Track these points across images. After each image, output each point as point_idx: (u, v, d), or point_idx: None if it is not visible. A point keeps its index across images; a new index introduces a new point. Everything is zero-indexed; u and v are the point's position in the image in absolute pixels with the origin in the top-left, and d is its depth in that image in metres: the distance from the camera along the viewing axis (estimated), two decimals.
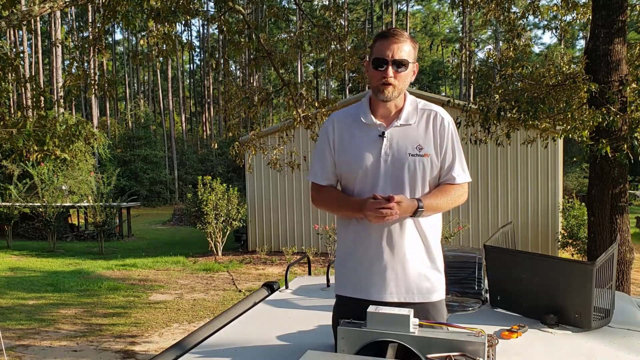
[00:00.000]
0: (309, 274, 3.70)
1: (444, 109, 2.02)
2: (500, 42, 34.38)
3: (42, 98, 7.29)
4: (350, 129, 1.99)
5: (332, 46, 7.58)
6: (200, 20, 40.42)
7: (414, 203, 1.86)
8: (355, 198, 1.95)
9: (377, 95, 1.93)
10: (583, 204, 11.16)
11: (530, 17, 7.15)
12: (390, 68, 1.87)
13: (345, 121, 2.02)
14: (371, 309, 1.72)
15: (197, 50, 47.59)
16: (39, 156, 6.43)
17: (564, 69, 6.69)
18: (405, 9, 45.54)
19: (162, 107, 43.17)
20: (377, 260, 1.92)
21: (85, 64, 7.46)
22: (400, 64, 1.88)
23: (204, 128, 47.78)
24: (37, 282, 10.61)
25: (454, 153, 1.96)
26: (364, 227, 1.93)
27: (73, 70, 7.46)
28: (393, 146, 1.91)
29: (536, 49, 42.44)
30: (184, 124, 44.26)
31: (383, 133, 1.93)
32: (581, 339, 2.22)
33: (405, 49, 1.89)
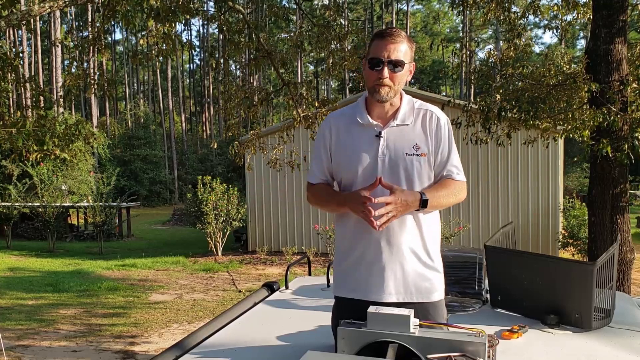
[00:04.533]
0: (309, 274, 3.69)
1: (440, 109, 2.03)
2: (501, 41, 34.37)
3: (41, 98, 7.29)
4: (347, 129, 1.99)
5: (332, 46, 7.58)
6: (200, 20, 40.44)
7: (416, 195, 1.85)
8: (342, 193, 1.97)
9: (373, 96, 1.93)
10: (584, 204, 11.15)
11: (531, 17, 7.15)
12: (385, 68, 1.87)
13: (342, 122, 2.02)
14: (371, 309, 1.72)
15: (197, 50, 47.61)
16: (38, 156, 6.43)
17: (565, 68, 6.69)
18: (405, 8, 45.55)
19: (161, 107, 43.17)
20: (376, 260, 1.92)
21: (85, 64, 7.45)
22: (396, 65, 1.88)
23: (204, 128, 47.79)
24: (37, 282, 10.61)
25: (449, 151, 1.96)
26: (362, 227, 1.92)
27: (73, 70, 7.45)
28: (390, 146, 1.92)
29: (536, 49, 42.42)
30: (183, 124, 44.26)
31: (380, 133, 1.93)
32: (582, 339, 2.21)
33: (401, 49, 1.89)
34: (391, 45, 1.87)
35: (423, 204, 1.84)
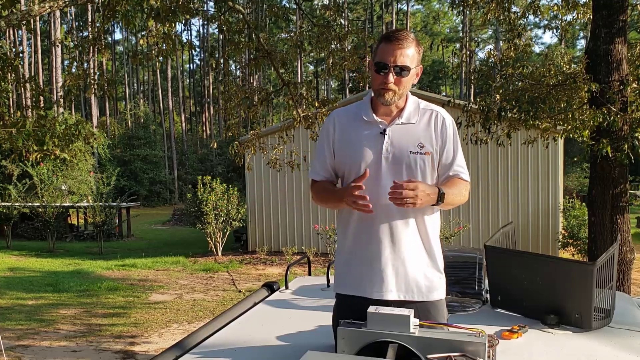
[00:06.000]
0: (309, 274, 3.69)
1: (445, 110, 2.02)
2: (501, 41, 34.37)
3: (41, 98, 7.28)
4: (352, 126, 1.99)
5: (332, 46, 7.57)
6: (200, 20, 40.43)
7: (434, 188, 1.84)
8: (339, 188, 1.97)
9: (378, 99, 1.94)
10: (584, 204, 11.15)
11: (531, 17, 7.15)
12: (391, 74, 1.87)
13: (346, 118, 2.02)
14: (371, 309, 1.72)
15: (197, 50, 47.60)
16: (38, 156, 6.43)
17: (565, 68, 6.68)
18: (405, 8, 45.54)
19: (161, 106, 43.16)
20: (378, 258, 1.92)
21: (85, 64, 7.45)
22: (401, 70, 1.88)
23: (204, 128, 47.77)
24: (37, 282, 10.60)
25: (455, 151, 1.97)
26: (366, 225, 1.93)
27: (73, 70, 7.45)
28: (394, 144, 1.92)
29: (536, 49, 42.41)
30: (183, 124, 44.25)
31: (384, 130, 1.93)
32: (582, 339, 2.21)
33: (408, 54, 1.88)
34: (398, 50, 1.86)
35: (440, 197, 1.84)
